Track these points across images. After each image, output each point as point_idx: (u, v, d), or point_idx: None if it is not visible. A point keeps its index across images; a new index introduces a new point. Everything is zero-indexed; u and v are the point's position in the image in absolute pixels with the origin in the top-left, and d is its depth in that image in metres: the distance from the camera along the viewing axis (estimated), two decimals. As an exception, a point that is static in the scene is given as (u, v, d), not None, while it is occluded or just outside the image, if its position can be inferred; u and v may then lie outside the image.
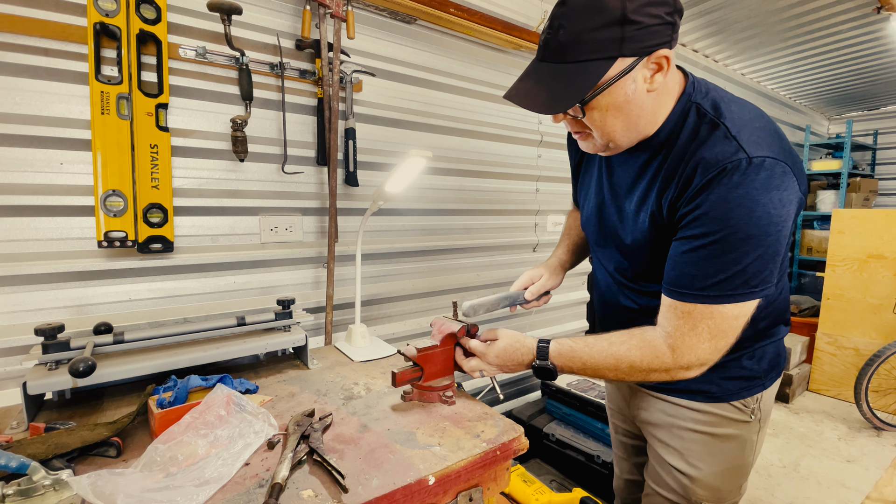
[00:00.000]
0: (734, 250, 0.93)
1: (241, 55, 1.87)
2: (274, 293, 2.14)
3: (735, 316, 0.99)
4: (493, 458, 1.17)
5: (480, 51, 2.77)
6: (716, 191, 0.94)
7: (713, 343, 1.01)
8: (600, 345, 1.13)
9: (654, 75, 0.97)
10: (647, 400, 1.40)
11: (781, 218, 0.93)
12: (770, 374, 1.27)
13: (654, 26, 0.91)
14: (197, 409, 1.17)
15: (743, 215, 0.91)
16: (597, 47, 0.92)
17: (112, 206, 1.68)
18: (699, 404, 1.27)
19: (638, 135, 1.07)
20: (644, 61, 0.94)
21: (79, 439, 1.10)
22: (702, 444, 1.29)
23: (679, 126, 1.04)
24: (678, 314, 1.03)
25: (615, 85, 0.95)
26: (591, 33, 0.91)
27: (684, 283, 1.00)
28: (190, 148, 1.87)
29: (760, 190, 0.91)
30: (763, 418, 1.30)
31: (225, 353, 1.53)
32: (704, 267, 0.97)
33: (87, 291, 1.74)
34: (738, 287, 0.96)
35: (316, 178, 2.20)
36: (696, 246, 0.98)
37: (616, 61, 0.92)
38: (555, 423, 2.79)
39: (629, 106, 0.99)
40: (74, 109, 1.65)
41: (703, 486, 1.29)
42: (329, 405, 1.40)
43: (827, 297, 4.32)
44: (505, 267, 3.07)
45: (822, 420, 3.89)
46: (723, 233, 0.93)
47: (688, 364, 1.03)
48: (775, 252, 0.96)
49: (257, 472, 1.05)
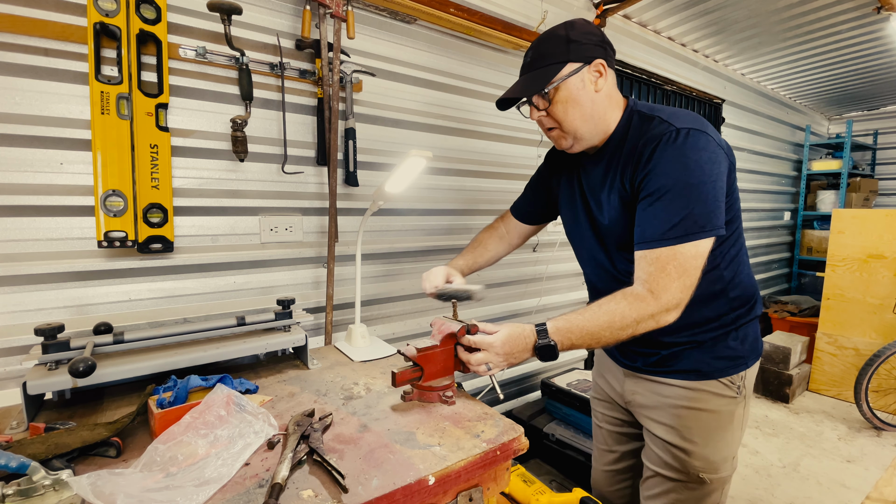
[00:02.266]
0: (680, 197, 1.18)
1: (241, 55, 1.87)
2: (274, 293, 2.14)
3: (693, 255, 1.19)
4: (493, 458, 1.17)
5: (480, 51, 2.77)
6: (657, 155, 1.22)
7: (681, 281, 1.19)
8: (591, 309, 1.26)
9: (597, 80, 1.32)
10: (641, 384, 1.54)
11: (713, 171, 1.20)
12: (751, 355, 1.45)
13: (589, 44, 1.30)
14: (197, 409, 1.17)
15: (680, 168, 1.19)
16: (552, 57, 1.31)
17: (112, 206, 1.68)
18: (691, 382, 1.43)
19: (595, 128, 1.37)
20: (587, 67, 1.31)
21: (79, 439, 1.10)
22: (695, 420, 1.43)
23: (627, 127, 1.36)
24: (649, 261, 1.22)
25: (568, 81, 1.30)
26: (548, 49, 1.32)
27: (648, 235, 1.23)
28: (190, 148, 1.87)
29: (691, 149, 1.20)
30: (746, 395, 1.46)
31: (225, 353, 1.53)
32: (661, 216, 1.20)
33: (87, 291, 1.74)
34: (689, 228, 1.18)
35: (316, 178, 2.20)
36: (652, 201, 1.23)
37: (566, 65, 1.30)
38: (555, 423, 2.79)
39: (582, 99, 1.32)
40: (74, 109, 1.65)
41: (699, 458, 1.43)
42: (329, 405, 1.40)
43: (827, 297, 4.32)
44: (505, 267, 3.07)
45: (822, 420, 3.88)
46: (668, 185, 1.20)
47: (666, 305, 1.19)
48: (714, 199, 1.20)
49: (257, 472, 1.05)
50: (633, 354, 1.52)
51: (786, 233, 6.48)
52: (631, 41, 3.68)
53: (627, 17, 3.60)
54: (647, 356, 1.48)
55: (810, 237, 6.31)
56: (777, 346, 4.21)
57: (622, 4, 3.15)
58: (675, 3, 3.40)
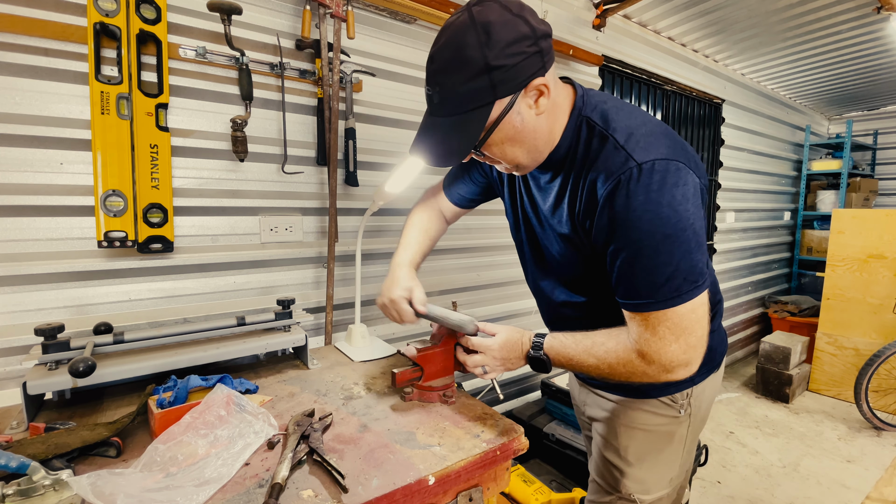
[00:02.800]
0: (660, 253, 0.97)
1: (241, 55, 1.87)
2: (274, 293, 2.14)
3: (690, 310, 1.00)
4: (493, 458, 1.17)
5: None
6: (618, 203, 0.98)
7: (681, 342, 1.02)
8: (585, 343, 1.14)
9: (537, 101, 1.02)
10: (590, 396, 1.49)
11: (689, 210, 0.97)
12: (700, 370, 1.17)
13: (519, 63, 0.95)
14: (197, 409, 1.17)
15: (652, 219, 0.95)
16: (472, 98, 0.97)
17: (112, 206, 1.68)
18: (630, 401, 1.35)
19: (540, 154, 1.11)
20: (521, 94, 0.99)
21: (79, 439, 1.10)
22: (630, 439, 1.37)
23: (575, 142, 1.10)
24: (637, 322, 1.05)
25: (502, 123, 1.00)
26: (463, 86, 0.96)
27: (632, 295, 1.03)
28: (190, 148, 1.87)
29: (658, 192, 0.95)
30: (694, 413, 1.35)
31: (225, 353, 1.53)
32: (641, 276, 1.00)
33: (87, 291, 1.74)
34: (679, 287, 0.98)
35: (316, 178, 2.20)
36: (625, 258, 1.01)
37: (494, 105, 0.97)
38: (555, 423, 2.79)
39: (522, 135, 1.04)
40: (74, 109, 1.65)
41: (632, 479, 1.38)
42: (329, 405, 1.40)
43: (827, 297, 4.32)
44: (505, 267, 3.07)
45: (822, 420, 3.89)
46: (642, 241, 0.97)
47: (666, 366, 1.04)
48: (697, 243, 0.99)
49: (257, 472, 1.05)
50: None
51: (786, 233, 6.48)
52: (631, 41, 3.68)
53: (627, 17, 3.60)
54: None
55: (810, 237, 6.31)
56: (777, 346, 4.21)
57: (622, 4, 3.15)
58: (675, 3, 3.40)
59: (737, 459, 3.27)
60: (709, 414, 1.43)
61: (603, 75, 3.55)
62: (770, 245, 6.11)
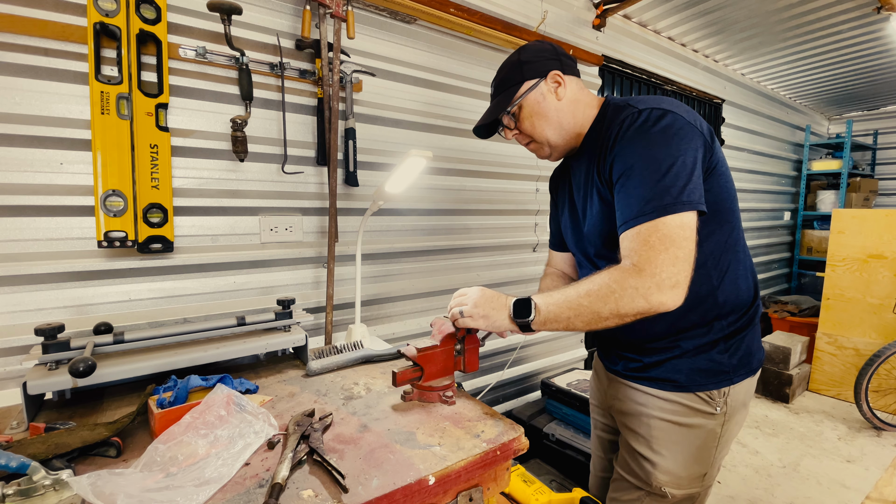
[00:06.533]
0: (648, 171, 1.15)
1: (241, 55, 1.87)
2: (274, 293, 2.14)
3: (678, 225, 1.12)
4: (493, 458, 1.17)
5: (480, 51, 2.77)
6: (621, 137, 1.23)
7: (670, 253, 1.11)
8: (571, 285, 1.23)
9: (556, 90, 1.37)
10: (621, 389, 1.49)
11: (681, 146, 1.16)
12: (739, 371, 1.35)
13: (542, 60, 1.37)
14: (197, 409, 1.16)
15: (644, 144, 1.18)
16: (510, 80, 1.39)
17: (112, 206, 1.68)
18: (667, 393, 1.36)
19: (566, 133, 1.40)
20: (544, 80, 1.36)
21: (79, 439, 1.09)
22: (666, 432, 1.38)
23: (601, 120, 1.38)
24: (631, 239, 1.17)
25: (527, 98, 1.37)
26: (506, 75, 1.41)
27: (627, 214, 1.18)
28: (190, 148, 1.87)
29: (650, 124, 1.19)
30: (730, 413, 1.36)
31: (225, 353, 1.53)
32: (634, 193, 1.17)
33: (87, 291, 1.74)
34: (666, 200, 1.13)
35: (316, 178, 2.20)
36: (623, 182, 1.20)
37: (523, 84, 1.37)
38: (555, 423, 2.79)
39: (546, 111, 1.37)
40: (74, 109, 1.65)
41: (664, 471, 1.38)
42: (329, 405, 1.40)
43: (827, 297, 4.32)
44: (505, 267, 3.07)
45: (822, 420, 3.88)
46: (633, 162, 1.19)
47: (657, 281, 1.11)
48: (686, 174, 1.15)
49: (257, 472, 1.05)
50: (616, 357, 1.49)
51: (786, 233, 6.48)
52: (631, 41, 3.68)
53: (627, 17, 3.60)
54: (628, 360, 1.44)
55: (810, 237, 6.31)
56: (777, 346, 4.21)
57: (622, 4, 3.15)
58: (675, 3, 3.40)
59: (737, 459, 3.27)
60: (743, 421, 1.44)
61: (603, 75, 3.55)
62: (770, 245, 6.12)
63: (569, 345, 3.58)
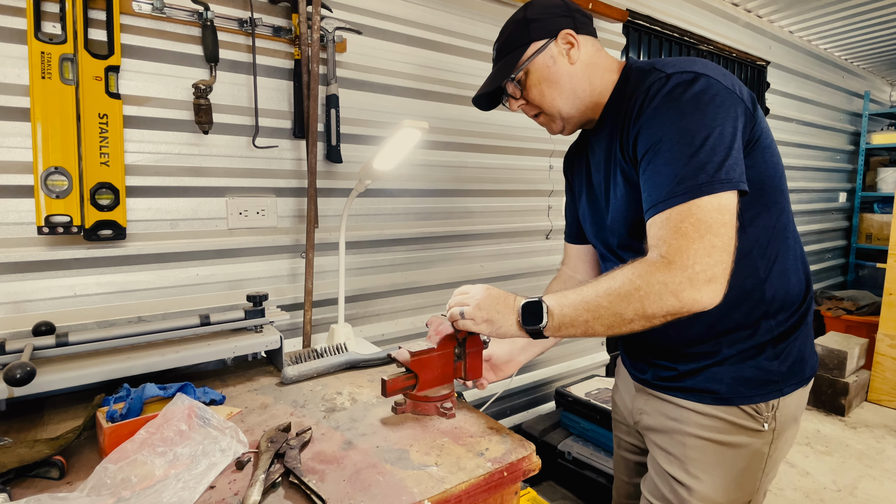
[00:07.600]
0: (679, 145, 1.11)
1: (204, 9, 1.85)
2: (244, 287, 2.14)
3: (715, 208, 1.08)
4: (499, 480, 1.17)
5: (485, 4, 2.75)
6: (647, 107, 1.19)
7: (705, 241, 1.07)
8: (589, 283, 1.21)
9: (569, 52, 1.34)
10: (650, 402, 1.46)
11: (717, 115, 1.13)
12: (790, 380, 1.31)
13: (551, 17, 1.34)
14: (153, 422, 1.16)
15: (675, 114, 1.14)
16: (515, 42, 1.37)
17: (54, 185, 1.67)
18: (705, 407, 1.32)
19: (580, 102, 1.38)
20: (554, 42, 1.33)
21: (16, 458, 1.09)
22: (705, 453, 1.33)
23: (623, 87, 1.35)
24: (659, 226, 1.13)
25: (535, 61, 1.34)
26: (509, 36, 1.40)
27: (654, 196, 1.15)
28: (145, 118, 1.86)
29: (680, 90, 1.15)
30: (779, 430, 1.33)
31: (186, 358, 1.53)
32: (663, 171, 1.13)
33: (25, 285, 1.74)
34: (701, 180, 1.08)
35: (292, 153, 2.20)
36: (650, 158, 1.17)
37: (530, 46, 1.34)
38: (571, 440, 2.80)
39: (557, 77, 1.35)
40: (10, 73, 1.64)
41: (701, 498, 1.33)
42: (308, 418, 1.40)
43: (889, 291, 4.32)
44: (513, 257, 3.07)
45: (883, 436, 3.90)
46: (662, 134, 1.14)
47: (690, 274, 1.06)
48: (724, 147, 1.11)
49: (224, 497, 1.05)
50: (644, 364, 1.46)
51: (841, 217, 6.48)
52: (662, -7, 3.66)
53: (658, -36, 3.57)
54: (659, 368, 1.41)
55: (870, 222, 6.30)
56: (831, 350, 4.22)
57: (652, -51, 3.12)
58: (713, -52, 3.38)
59: (784, 482, 3.28)
60: (794, 439, 1.42)
61: (628, 33, 3.52)
62: (822, 232, 6.12)
63: (588, 348, 3.59)
